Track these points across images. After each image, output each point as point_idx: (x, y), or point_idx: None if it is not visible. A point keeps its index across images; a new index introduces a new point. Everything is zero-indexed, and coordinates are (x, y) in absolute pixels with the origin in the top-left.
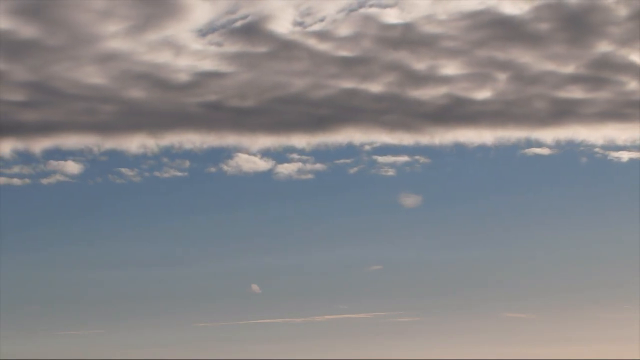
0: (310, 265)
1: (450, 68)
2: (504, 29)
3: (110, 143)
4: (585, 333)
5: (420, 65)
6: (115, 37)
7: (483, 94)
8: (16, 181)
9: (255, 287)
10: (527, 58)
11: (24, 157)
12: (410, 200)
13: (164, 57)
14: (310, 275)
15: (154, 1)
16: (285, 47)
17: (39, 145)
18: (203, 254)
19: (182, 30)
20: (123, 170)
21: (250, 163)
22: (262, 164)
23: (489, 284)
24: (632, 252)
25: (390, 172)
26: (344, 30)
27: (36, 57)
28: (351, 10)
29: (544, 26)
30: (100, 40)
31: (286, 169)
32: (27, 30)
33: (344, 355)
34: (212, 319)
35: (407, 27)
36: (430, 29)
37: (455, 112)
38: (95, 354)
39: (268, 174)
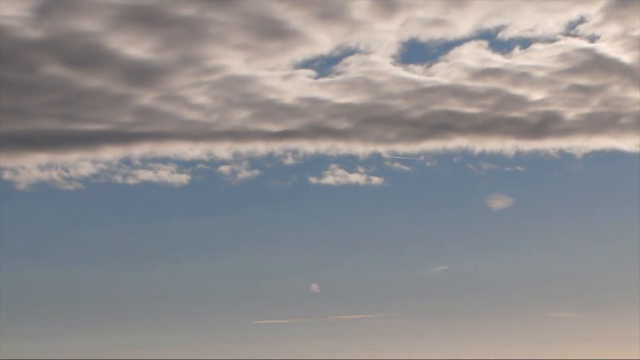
0: (377, 269)
1: (543, 93)
2: (592, 60)
3: (215, 154)
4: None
5: (516, 91)
6: (235, 66)
7: (572, 113)
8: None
9: (314, 287)
10: (613, 86)
11: (125, 162)
12: (499, 202)
13: (274, 82)
14: (372, 278)
15: (274, 35)
16: (386, 76)
17: (140, 151)
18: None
19: (294, 59)
20: (227, 179)
21: (347, 175)
22: (356, 176)
23: (547, 285)
24: None
25: (483, 182)
26: (446, 63)
27: (161, 83)
28: (452, 44)
29: (628, 57)
30: (223, 69)
31: (375, 181)
32: (161, 61)
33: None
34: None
35: (505, 60)
36: (524, 61)
37: (547, 128)
38: (95, 354)
39: (362, 184)
